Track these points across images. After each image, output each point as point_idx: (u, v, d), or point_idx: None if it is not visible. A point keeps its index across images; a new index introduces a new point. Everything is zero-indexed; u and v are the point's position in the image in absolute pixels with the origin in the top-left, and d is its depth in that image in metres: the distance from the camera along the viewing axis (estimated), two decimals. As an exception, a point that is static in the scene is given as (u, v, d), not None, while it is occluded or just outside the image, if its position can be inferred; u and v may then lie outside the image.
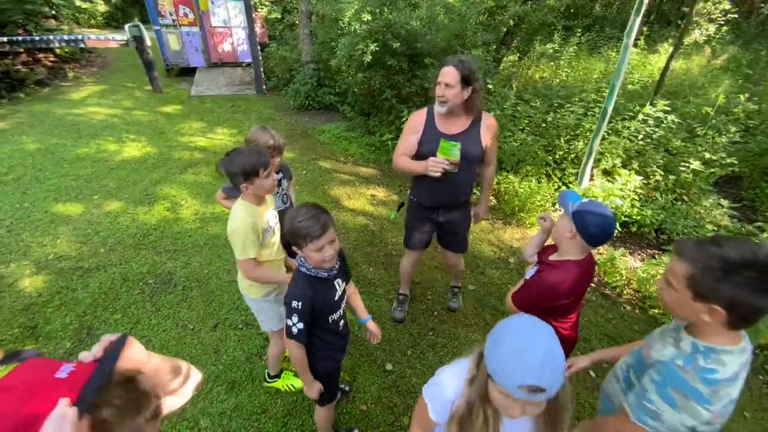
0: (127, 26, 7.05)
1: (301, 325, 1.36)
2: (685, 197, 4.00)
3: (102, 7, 15.35)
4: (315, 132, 6.02)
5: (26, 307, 2.65)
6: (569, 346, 1.62)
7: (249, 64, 8.70)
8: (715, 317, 0.91)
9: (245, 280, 1.76)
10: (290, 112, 6.93)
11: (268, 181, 1.59)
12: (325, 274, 1.38)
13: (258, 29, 8.47)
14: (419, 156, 2.00)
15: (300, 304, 1.34)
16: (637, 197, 3.79)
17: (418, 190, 2.18)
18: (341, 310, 1.54)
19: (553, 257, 1.51)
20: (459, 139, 1.92)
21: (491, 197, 4.24)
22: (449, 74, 1.81)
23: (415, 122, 2.02)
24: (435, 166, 1.87)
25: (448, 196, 2.15)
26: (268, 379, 2.19)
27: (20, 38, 7.13)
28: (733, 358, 0.94)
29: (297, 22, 7.83)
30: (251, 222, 1.59)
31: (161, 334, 2.51)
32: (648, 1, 3.38)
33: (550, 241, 1.63)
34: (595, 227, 1.33)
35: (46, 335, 2.45)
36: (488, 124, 1.98)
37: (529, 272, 1.55)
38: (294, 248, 1.35)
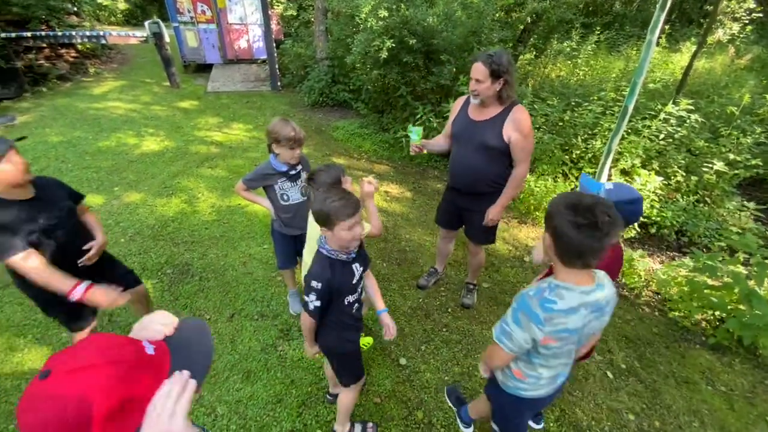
0: (147, 23, 7.17)
1: (318, 303, 1.44)
2: (707, 199, 3.90)
3: (122, 5, 15.66)
4: (329, 128, 6.05)
5: (50, 294, 2.72)
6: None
7: (264, 61, 8.77)
8: (549, 246, 1.14)
9: None
10: (304, 108, 6.97)
11: (347, 182, 1.84)
12: (344, 256, 1.45)
13: (273, 26, 8.53)
14: (452, 136, 2.25)
15: (319, 284, 1.41)
16: (657, 198, 3.70)
17: (449, 171, 2.39)
18: (357, 294, 1.60)
19: None
20: (481, 126, 2.04)
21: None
22: (478, 70, 1.90)
23: (455, 107, 2.26)
24: (411, 147, 2.32)
25: (463, 180, 2.26)
26: None
27: (43, 33, 7.32)
28: (572, 294, 1.13)
29: (312, 19, 7.87)
30: None
31: (179, 323, 2.55)
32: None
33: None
34: (631, 214, 1.34)
35: (69, 321, 2.51)
36: (515, 117, 1.98)
37: None
38: (321, 229, 1.42)
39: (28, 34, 7.05)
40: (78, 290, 1.53)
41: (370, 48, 4.78)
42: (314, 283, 1.41)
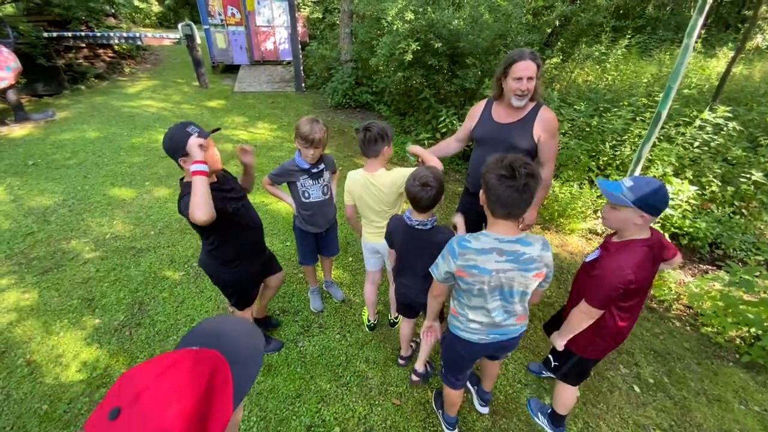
0: (180, 25, 7.43)
1: None
2: (744, 211, 3.73)
3: (156, 8, 16.31)
4: (351, 130, 6.10)
5: (85, 281, 2.86)
6: (617, 338, 1.60)
7: (289, 63, 8.95)
8: (484, 201, 1.34)
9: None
10: (327, 109, 7.06)
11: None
12: None
13: (299, 28, 8.69)
14: (473, 139, 2.24)
15: None
16: (689, 208, 3.56)
17: (469, 174, 2.34)
18: None
19: (615, 239, 1.51)
20: (509, 128, 2.02)
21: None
22: (530, 68, 1.87)
23: (474, 111, 2.22)
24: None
25: None
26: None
27: (83, 34, 7.69)
28: (487, 239, 1.33)
29: (338, 21, 7.97)
30: None
31: (203, 314, 2.63)
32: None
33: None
34: (663, 203, 1.36)
35: (102, 307, 2.63)
36: (543, 117, 1.97)
37: (592, 255, 1.55)
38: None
39: (69, 34, 7.41)
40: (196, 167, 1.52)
41: (395, 50, 4.80)
42: None
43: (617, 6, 8.88)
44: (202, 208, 1.46)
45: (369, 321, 2.55)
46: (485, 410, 2.05)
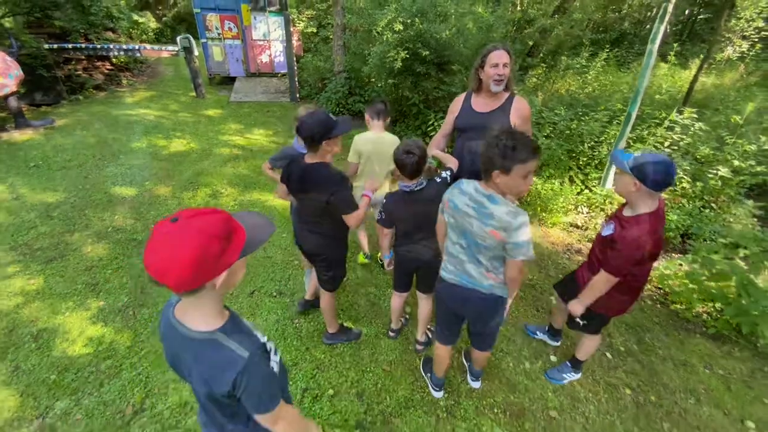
0: (179, 38, 7.71)
1: None
2: (713, 205, 3.98)
3: (154, 24, 16.70)
4: (345, 137, 6.30)
5: (88, 268, 2.98)
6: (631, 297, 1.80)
7: (284, 75, 9.25)
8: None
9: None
10: (321, 117, 7.29)
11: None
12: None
13: (294, 42, 9.03)
14: (456, 129, 2.40)
15: None
16: (661, 201, 3.80)
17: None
18: None
19: (627, 213, 1.63)
20: (489, 117, 2.23)
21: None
22: (504, 56, 2.11)
23: (455, 105, 2.40)
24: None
25: (473, 167, 2.32)
26: None
27: (83, 45, 7.92)
28: (469, 186, 1.51)
29: (331, 35, 8.32)
30: None
31: (203, 298, 2.75)
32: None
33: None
34: (656, 174, 1.46)
35: (106, 291, 2.75)
36: (518, 106, 2.20)
37: (606, 229, 1.69)
38: None
39: (69, 45, 7.64)
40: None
41: (385, 59, 5.08)
42: None
43: (595, 21, 9.39)
44: (360, 222, 1.94)
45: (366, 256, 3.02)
46: (477, 384, 2.19)
